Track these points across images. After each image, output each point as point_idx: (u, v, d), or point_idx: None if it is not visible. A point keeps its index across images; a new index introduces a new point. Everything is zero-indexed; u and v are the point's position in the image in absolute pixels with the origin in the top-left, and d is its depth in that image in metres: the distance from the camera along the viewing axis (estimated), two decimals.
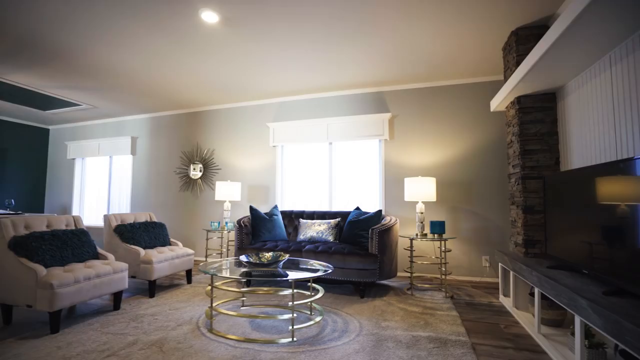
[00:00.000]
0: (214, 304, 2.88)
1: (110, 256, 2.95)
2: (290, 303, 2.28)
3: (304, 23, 2.87)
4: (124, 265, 2.84)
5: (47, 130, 6.84)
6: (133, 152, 5.89)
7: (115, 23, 2.90)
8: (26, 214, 4.54)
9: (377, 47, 3.31)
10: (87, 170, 6.56)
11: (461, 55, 3.46)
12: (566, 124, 2.68)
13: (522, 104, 2.89)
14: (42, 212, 6.69)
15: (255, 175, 4.93)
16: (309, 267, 2.67)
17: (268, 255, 2.70)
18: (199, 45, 3.30)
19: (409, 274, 4.08)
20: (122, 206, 6.09)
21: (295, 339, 2.22)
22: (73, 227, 3.06)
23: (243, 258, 2.62)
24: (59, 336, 2.28)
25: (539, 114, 2.86)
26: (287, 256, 2.62)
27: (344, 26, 2.92)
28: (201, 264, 2.81)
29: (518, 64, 2.91)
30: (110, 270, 2.70)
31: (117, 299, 2.83)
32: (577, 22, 1.77)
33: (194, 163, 5.33)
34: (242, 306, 2.90)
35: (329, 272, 2.48)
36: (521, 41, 2.91)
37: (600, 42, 1.99)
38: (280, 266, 2.62)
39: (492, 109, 3.32)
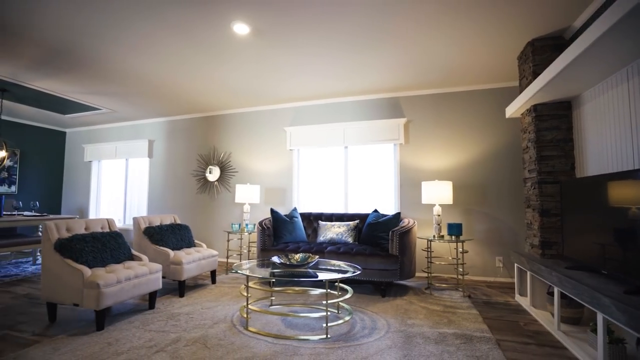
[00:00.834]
0: (242, 305, 3.02)
1: (145, 257, 3.09)
2: (324, 302, 2.41)
3: (328, 33, 3.00)
4: (159, 267, 2.98)
5: (64, 133, 6.98)
6: (150, 155, 6.03)
7: (148, 34, 3.04)
8: (50, 216, 4.67)
9: (396, 56, 3.44)
10: (103, 172, 6.70)
11: (476, 63, 3.59)
12: (582, 131, 2.81)
13: (539, 111, 3.03)
14: (59, 213, 6.83)
15: (272, 178, 5.07)
16: (336, 268, 2.81)
17: (297, 256, 2.84)
18: (225, 54, 3.43)
19: (425, 275, 4.21)
20: (139, 208, 6.23)
21: (329, 335, 2.36)
22: (107, 230, 3.20)
23: (275, 259, 2.75)
24: (105, 333, 2.41)
25: (554, 121, 2.99)
26: (316, 257, 2.76)
27: (366, 36, 3.05)
28: (234, 264, 2.94)
29: (534, 73, 3.04)
30: (147, 271, 2.84)
31: (152, 298, 2.97)
32: (599, 42, 1.90)
33: (211, 166, 5.46)
34: (271, 305, 3.04)
35: (358, 273, 2.62)
36: (537, 52, 3.04)
37: (618, 57, 2.12)
38: (310, 267, 2.76)
39: (507, 116, 3.45)
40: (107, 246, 2.86)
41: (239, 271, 2.66)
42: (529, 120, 3.17)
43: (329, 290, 3.09)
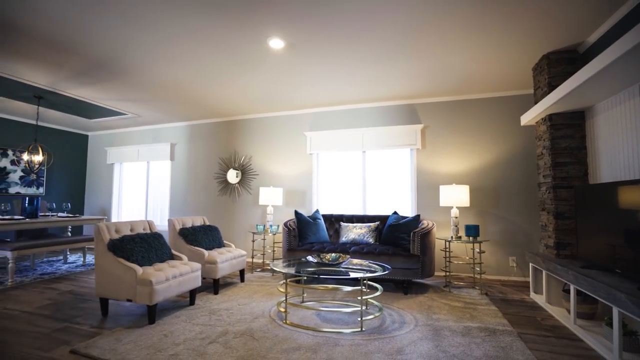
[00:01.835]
0: (277, 301, 3.24)
1: (184, 257, 3.31)
2: (359, 298, 2.62)
3: (355, 47, 3.21)
4: (199, 265, 3.20)
5: (87, 137, 7.23)
6: (172, 158, 6.26)
7: (190, 49, 3.26)
8: (82, 217, 4.90)
9: (414, 67, 3.65)
10: (124, 174, 6.94)
11: (490, 73, 3.79)
12: (594, 140, 3.01)
13: (554, 120, 3.22)
14: (82, 214, 7.07)
15: (292, 180, 5.29)
16: (365, 267, 3.02)
17: (329, 256, 3.05)
18: (258, 65, 3.65)
19: (442, 274, 4.42)
20: (160, 209, 6.46)
21: (363, 329, 2.57)
22: (149, 231, 3.43)
23: (310, 258, 2.97)
24: (157, 326, 2.64)
25: (568, 130, 3.19)
26: (347, 257, 2.97)
27: (389, 50, 3.25)
28: (271, 262, 3.15)
29: (550, 84, 3.24)
30: (189, 270, 3.06)
31: (192, 295, 3.19)
32: (614, 63, 2.10)
33: (232, 169, 5.68)
34: (302, 302, 3.25)
35: (388, 272, 2.83)
36: (552, 64, 3.24)
37: (630, 75, 2.31)
38: (343, 266, 2.97)
39: (522, 124, 3.64)
40: (152, 246, 3.08)
41: (276, 269, 2.88)
42: (544, 128, 3.36)
43: (357, 287, 3.30)
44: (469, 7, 2.55)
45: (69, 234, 5.62)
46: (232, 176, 5.66)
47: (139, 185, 6.75)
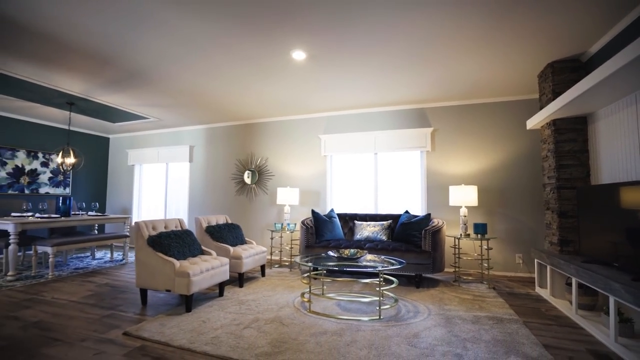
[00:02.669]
0: (300, 292, 3.51)
1: (213, 252, 3.59)
2: (378, 289, 2.88)
3: (372, 57, 3.45)
4: (227, 260, 3.48)
5: (108, 139, 7.56)
6: (190, 160, 6.56)
7: (216, 60, 3.53)
8: (110, 215, 5.21)
9: (425, 75, 3.88)
10: (144, 175, 7.26)
11: (498, 80, 4.01)
12: (596, 144, 3.22)
13: (557, 125, 3.44)
14: (104, 213, 7.41)
15: (307, 181, 5.55)
16: (381, 261, 3.26)
17: (347, 251, 3.31)
18: (279, 74, 3.91)
19: (452, 270, 4.65)
20: (179, 209, 6.77)
21: (381, 317, 2.82)
22: (180, 228, 3.71)
23: (331, 253, 3.23)
24: (195, 314, 2.91)
25: (571, 135, 3.40)
26: (365, 252, 3.23)
27: (402, 59, 3.49)
28: (296, 258, 3.42)
29: (554, 91, 3.46)
30: (219, 264, 3.34)
31: (221, 287, 3.47)
32: (615, 73, 2.32)
33: (248, 170, 5.96)
34: (322, 294, 3.51)
35: (403, 265, 3.08)
36: (556, 72, 3.46)
37: (629, 84, 2.52)
38: (361, 260, 3.22)
39: (528, 128, 3.86)
40: (185, 242, 3.36)
41: (302, 263, 3.14)
42: (548, 132, 3.58)
43: (373, 280, 3.56)
44: (478, 22, 2.78)
45: (95, 231, 5.95)
46: (249, 177, 5.94)
47: (159, 186, 7.06)
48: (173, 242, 3.21)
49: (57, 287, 3.79)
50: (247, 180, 5.96)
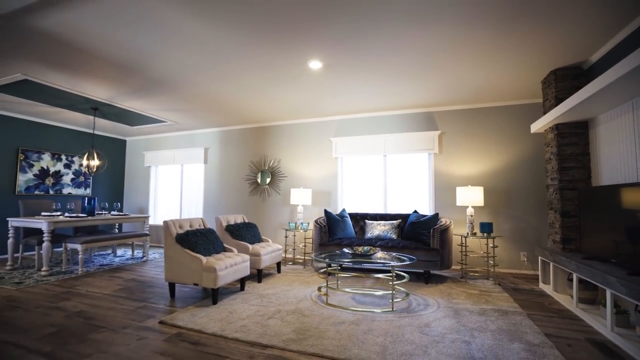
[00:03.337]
0: (316, 287, 3.73)
1: (234, 249, 3.83)
2: (391, 283, 3.09)
3: (384, 66, 3.66)
4: (247, 257, 3.72)
5: (125, 141, 7.86)
6: (205, 161, 6.82)
7: (237, 69, 3.77)
8: (130, 215, 5.48)
9: (433, 82, 4.09)
10: (160, 176, 7.54)
11: (503, 85, 4.20)
12: (596, 148, 3.41)
13: (560, 129, 3.63)
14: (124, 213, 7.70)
15: (318, 182, 5.78)
16: (392, 258, 3.48)
17: (361, 248, 3.53)
18: (295, 81, 4.14)
19: (458, 267, 4.85)
20: (194, 208, 7.03)
21: (394, 309, 3.04)
22: (203, 227, 3.96)
23: (346, 250, 3.45)
24: (221, 306, 3.15)
25: (573, 138, 3.59)
26: (378, 249, 3.45)
27: (411, 67, 3.70)
28: (313, 254, 3.65)
29: (557, 97, 3.64)
30: (241, 260, 3.58)
31: (242, 282, 3.71)
32: (615, 82, 2.51)
33: (262, 171, 6.21)
34: (337, 288, 3.73)
35: (414, 261, 3.29)
36: (559, 79, 3.65)
37: (627, 92, 2.71)
38: (374, 257, 3.44)
39: (532, 131, 4.05)
40: (209, 239, 3.61)
41: (321, 259, 3.37)
42: (551, 136, 3.77)
43: (386, 275, 3.77)
44: (484, 32, 2.97)
45: (116, 230, 6.24)
46: (262, 178, 6.18)
47: (174, 186, 7.34)
48: (199, 240, 3.46)
49: (88, 281, 4.06)
50: (260, 181, 6.20)
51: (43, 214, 4.78)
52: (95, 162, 5.29)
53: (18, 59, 3.54)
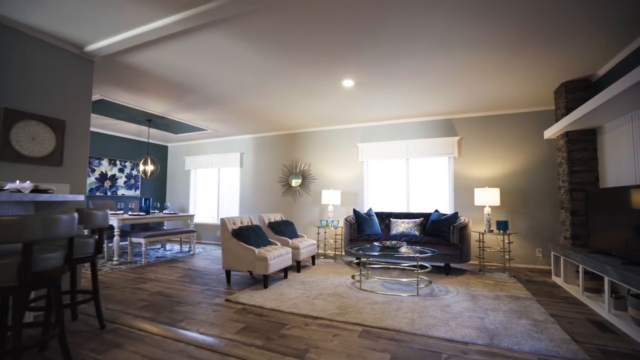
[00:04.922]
0: (350, 276, 4.28)
1: (278, 243, 4.43)
2: (416, 271, 3.60)
3: (410, 81, 4.16)
4: (290, 249, 4.31)
5: (167, 147, 8.66)
6: (241, 165, 7.50)
7: (279, 88, 4.37)
8: (180, 213, 6.21)
9: (452, 95, 4.55)
10: (199, 179, 8.29)
11: (517, 95, 4.61)
12: (603, 153, 3.79)
13: (570, 136, 4.02)
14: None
15: (346, 184, 6.32)
16: (417, 251, 3.98)
17: (388, 243, 4.05)
18: (328, 97, 4.70)
19: (476, 262, 5.27)
20: (230, 208, 7.73)
21: (419, 294, 3.55)
22: (251, 223, 4.58)
23: (376, 244, 3.98)
24: (271, 290, 3.75)
25: (582, 144, 3.97)
26: (404, 243, 3.96)
27: (434, 84, 4.18)
28: (345, 247, 4.20)
29: (567, 107, 4.04)
30: (285, 252, 4.18)
31: (286, 271, 4.30)
32: (620, 95, 2.92)
33: (293, 174, 6.81)
34: (367, 277, 4.27)
35: (436, 254, 3.78)
36: (570, 91, 4.04)
37: (630, 104, 3.09)
38: (400, 250, 3.95)
39: (545, 138, 4.44)
40: (258, 234, 4.22)
41: (354, 252, 3.91)
42: (562, 142, 4.16)
43: (410, 266, 4.27)
44: (500, 51, 3.40)
45: (164, 227, 7.00)
46: (294, 180, 6.78)
47: (211, 188, 8.06)
48: (250, 234, 4.08)
49: (153, 270, 4.77)
50: (292, 183, 6.80)
51: (110, 212, 5.55)
52: (150, 167, 6.03)
53: (100, 84, 4.28)
